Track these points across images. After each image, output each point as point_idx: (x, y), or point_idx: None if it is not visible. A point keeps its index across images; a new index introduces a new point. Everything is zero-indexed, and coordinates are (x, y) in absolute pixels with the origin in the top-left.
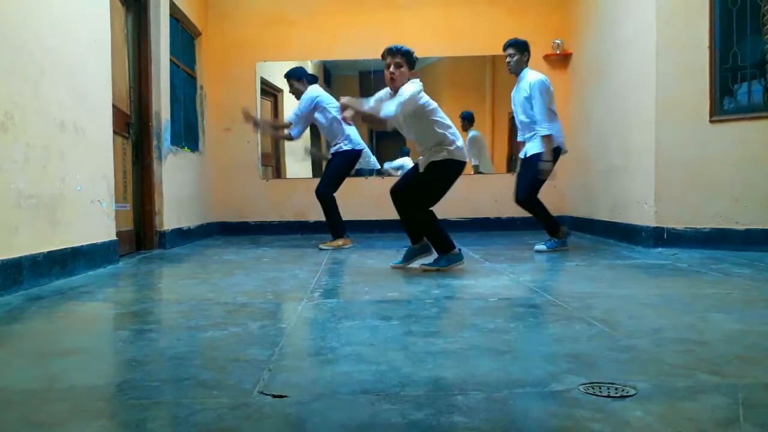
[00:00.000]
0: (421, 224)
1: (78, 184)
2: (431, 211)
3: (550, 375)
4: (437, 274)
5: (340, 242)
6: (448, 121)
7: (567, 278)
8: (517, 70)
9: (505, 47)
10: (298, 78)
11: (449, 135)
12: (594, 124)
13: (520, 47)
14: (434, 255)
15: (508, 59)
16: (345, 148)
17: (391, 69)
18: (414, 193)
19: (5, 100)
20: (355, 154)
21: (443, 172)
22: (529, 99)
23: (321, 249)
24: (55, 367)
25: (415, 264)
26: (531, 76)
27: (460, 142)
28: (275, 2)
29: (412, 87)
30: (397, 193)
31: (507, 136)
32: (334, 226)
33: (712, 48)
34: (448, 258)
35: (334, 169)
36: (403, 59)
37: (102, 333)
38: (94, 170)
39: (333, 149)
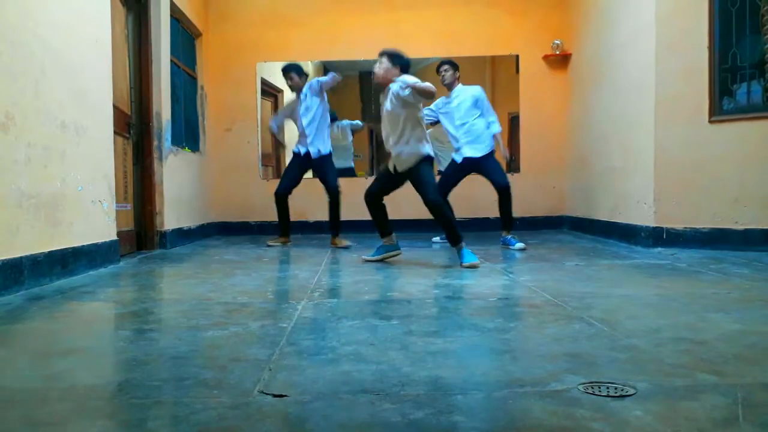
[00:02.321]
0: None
1: (79, 184)
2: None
3: (550, 374)
4: (437, 274)
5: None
6: None
7: (566, 278)
8: (451, 85)
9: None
10: (299, 74)
11: None
12: (593, 125)
13: (454, 65)
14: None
15: (443, 74)
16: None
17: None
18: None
19: (6, 101)
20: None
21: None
22: (477, 104)
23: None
24: (56, 367)
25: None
26: (470, 87)
27: None
28: (275, 3)
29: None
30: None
31: (507, 136)
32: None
33: (711, 48)
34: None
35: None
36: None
37: (103, 332)
38: (95, 170)
39: (313, 149)
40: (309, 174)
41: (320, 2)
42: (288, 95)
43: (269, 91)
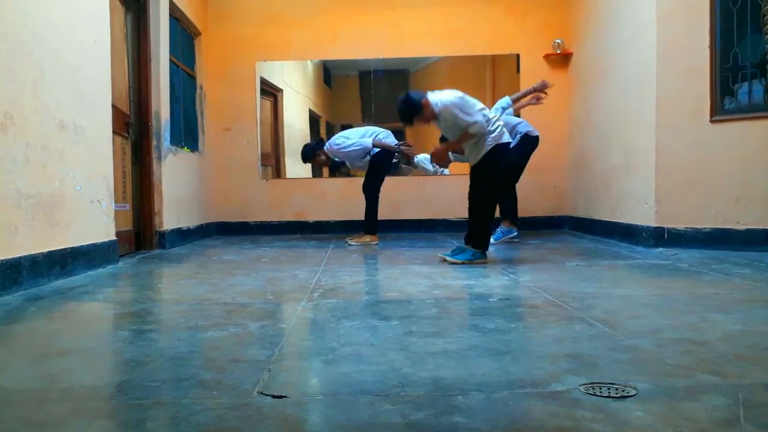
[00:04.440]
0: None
1: (77, 184)
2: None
3: (551, 375)
4: (437, 274)
5: (367, 238)
6: None
7: (567, 278)
8: None
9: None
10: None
11: None
12: (594, 124)
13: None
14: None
15: None
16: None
17: None
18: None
19: (5, 100)
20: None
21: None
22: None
23: (350, 244)
24: (54, 367)
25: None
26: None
27: None
28: (275, 2)
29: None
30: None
31: None
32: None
33: (712, 48)
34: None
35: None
36: None
37: (101, 333)
38: (94, 170)
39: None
40: (309, 173)
41: (320, 1)
42: (288, 95)
43: (269, 91)
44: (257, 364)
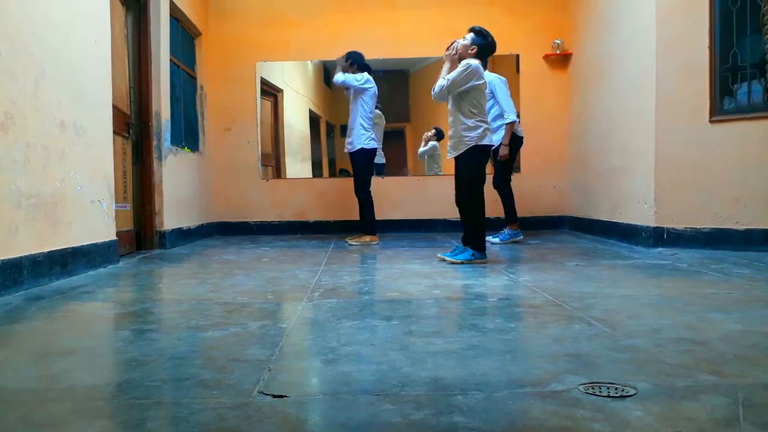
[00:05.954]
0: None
1: (78, 184)
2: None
3: (550, 375)
4: (437, 274)
5: (367, 238)
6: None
7: (567, 278)
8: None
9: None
10: (351, 63)
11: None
12: (594, 124)
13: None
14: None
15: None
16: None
17: None
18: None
19: (6, 101)
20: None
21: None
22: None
23: (350, 244)
24: (55, 367)
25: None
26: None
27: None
28: (275, 2)
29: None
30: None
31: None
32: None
33: (712, 48)
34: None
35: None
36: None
37: (102, 333)
38: (94, 170)
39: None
40: (304, 174)
41: (320, 2)
42: (288, 95)
43: (269, 91)
44: (258, 364)
